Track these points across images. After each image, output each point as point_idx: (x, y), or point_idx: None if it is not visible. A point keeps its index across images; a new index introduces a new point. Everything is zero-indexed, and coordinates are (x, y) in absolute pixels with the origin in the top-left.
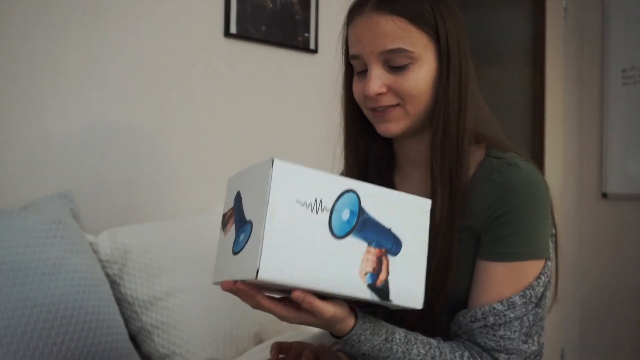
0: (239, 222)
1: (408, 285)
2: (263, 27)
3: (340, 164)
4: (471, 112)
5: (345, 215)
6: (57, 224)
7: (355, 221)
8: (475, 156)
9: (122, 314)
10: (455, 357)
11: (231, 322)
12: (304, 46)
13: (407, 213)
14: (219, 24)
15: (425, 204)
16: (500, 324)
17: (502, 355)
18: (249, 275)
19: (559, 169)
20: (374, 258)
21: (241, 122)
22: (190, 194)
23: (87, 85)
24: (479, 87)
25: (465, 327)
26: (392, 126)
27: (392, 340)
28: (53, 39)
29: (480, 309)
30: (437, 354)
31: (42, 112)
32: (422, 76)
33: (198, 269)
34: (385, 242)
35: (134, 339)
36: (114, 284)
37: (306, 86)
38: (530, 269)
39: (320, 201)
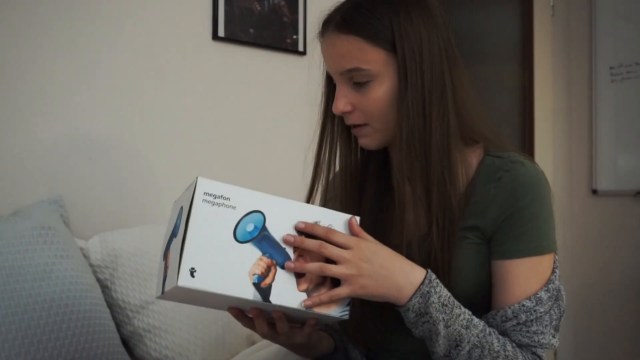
0: (172, 232)
1: (291, 291)
2: (251, 30)
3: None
4: (439, 124)
5: (250, 227)
6: (47, 229)
7: (256, 234)
8: (473, 156)
9: (114, 318)
10: (505, 342)
11: (223, 324)
12: (293, 48)
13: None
14: (207, 28)
15: (346, 217)
16: (532, 320)
17: (539, 350)
18: (174, 283)
19: (549, 166)
20: (265, 265)
21: (230, 125)
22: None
23: (75, 91)
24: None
25: (497, 328)
26: (367, 141)
27: (455, 304)
28: (41, 45)
29: (509, 307)
30: (491, 330)
31: (31, 118)
32: (382, 93)
33: None
34: (277, 256)
35: (126, 343)
36: (105, 288)
37: (295, 88)
38: (549, 262)
39: (235, 207)
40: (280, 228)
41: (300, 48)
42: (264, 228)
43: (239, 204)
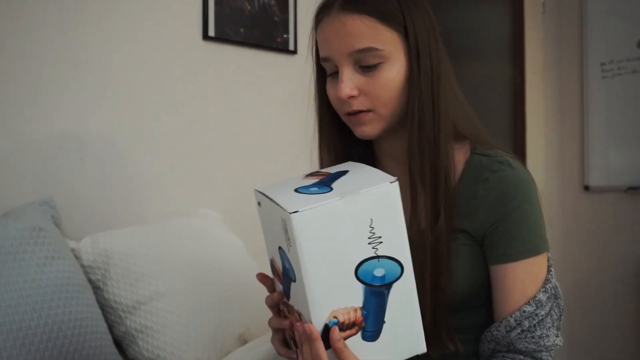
0: (324, 182)
1: None
2: (242, 30)
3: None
4: (446, 109)
5: (378, 272)
6: (38, 230)
7: (377, 284)
8: (461, 153)
9: (106, 319)
10: None
11: (215, 324)
12: (283, 47)
13: (405, 333)
14: (197, 27)
15: (421, 348)
16: (535, 325)
17: (544, 354)
18: (288, 207)
19: (541, 163)
20: (352, 318)
21: (221, 125)
22: (171, 197)
23: (65, 91)
24: (460, 82)
25: (503, 339)
26: (368, 129)
27: None
28: (30, 45)
29: (512, 316)
30: None
31: (21, 119)
32: (393, 75)
33: (181, 272)
34: (370, 323)
35: (118, 344)
36: (97, 289)
37: (286, 87)
38: (543, 262)
39: (380, 242)
40: (399, 302)
41: (291, 47)
42: (389, 285)
43: (390, 241)
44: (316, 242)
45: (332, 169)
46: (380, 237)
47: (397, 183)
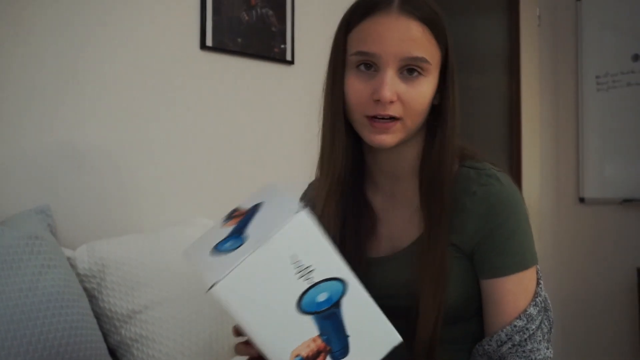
0: (238, 229)
1: None
2: (239, 39)
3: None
4: (455, 125)
5: (321, 297)
6: (34, 239)
7: (324, 308)
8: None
9: (101, 328)
10: None
11: (210, 333)
12: (281, 58)
13: (373, 334)
14: (195, 37)
15: (395, 340)
16: (526, 339)
17: None
18: (207, 281)
19: (537, 175)
20: (314, 348)
21: (218, 135)
22: (167, 207)
23: (62, 100)
24: None
25: (494, 354)
26: (389, 138)
27: None
28: (27, 54)
29: (503, 330)
30: None
31: (18, 127)
32: (428, 89)
33: (176, 281)
34: (335, 343)
35: (113, 353)
36: (92, 298)
37: (283, 97)
38: (532, 276)
39: (311, 271)
40: (348, 312)
41: (289, 57)
42: (337, 304)
43: (320, 265)
44: (246, 301)
45: (249, 202)
46: (309, 266)
47: (303, 211)
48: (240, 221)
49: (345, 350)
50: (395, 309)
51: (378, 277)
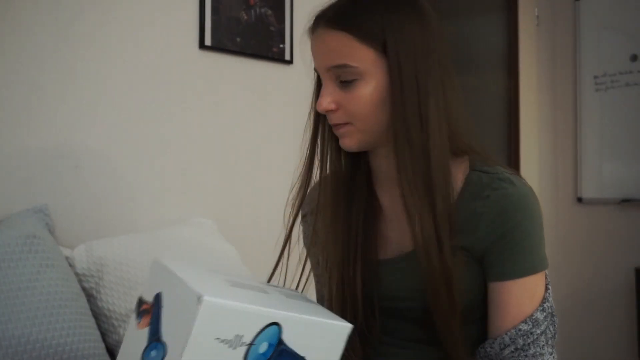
0: (154, 333)
1: None
2: (238, 39)
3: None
4: (439, 125)
5: (263, 348)
6: (32, 238)
7: (271, 353)
8: (460, 170)
9: (100, 327)
10: None
11: None
12: (279, 57)
13: (325, 338)
14: (193, 37)
15: (345, 328)
16: (529, 343)
17: None
18: None
19: (535, 175)
20: None
21: (216, 134)
22: (165, 206)
23: (60, 100)
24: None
25: (496, 356)
26: (347, 141)
27: None
28: (26, 54)
29: (507, 334)
30: None
31: (16, 127)
32: (368, 92)
33: None
34: None
35: (111, 352)
36: (90, 297)
37: (282, 97)
38: (541, 280)
39: (241, 337)
40: (294, 340)
41: (287, 57)
42: (280, 342)
43: (245, 329)
44: None
45: (149, 291)
46: (236, 335)
47: (204, 296)
48: (151, 321)
49: None
50: (409, 311)
51: (387, 279)
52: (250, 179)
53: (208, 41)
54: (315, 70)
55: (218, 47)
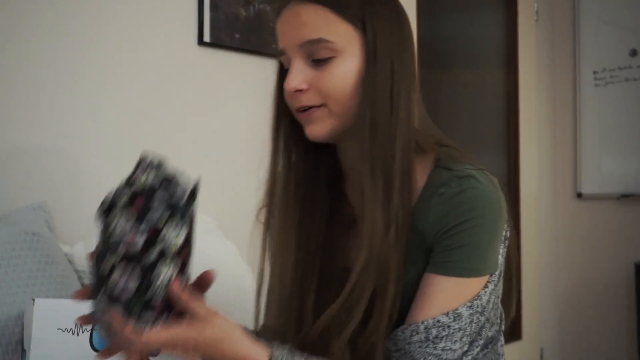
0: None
1: None
2: (237, 35)
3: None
4: (406, 115)
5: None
6: (32, 235)
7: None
8: (424, 167)
9: None
10: None
11: None
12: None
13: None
14: (192, 33)
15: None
16: (442, 337)
17: None
18: None
19: (534, 170)
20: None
21: (216, 131)
22: None
23: (59, 96)
24: (454, 89)
25: (402, 342)
26: (318, 128)
27: None
28: (24, 49)
29: (423, 322)
30: None
31: (15, 123)
32: (346, 70)
33: None
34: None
35: None
36: None
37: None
38: (479, 283)
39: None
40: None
41: None
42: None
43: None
44: None
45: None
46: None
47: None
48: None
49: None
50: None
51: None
52: (249, 175)
53: (207, 37)
54: (280, 52)
55: (217, 43)
